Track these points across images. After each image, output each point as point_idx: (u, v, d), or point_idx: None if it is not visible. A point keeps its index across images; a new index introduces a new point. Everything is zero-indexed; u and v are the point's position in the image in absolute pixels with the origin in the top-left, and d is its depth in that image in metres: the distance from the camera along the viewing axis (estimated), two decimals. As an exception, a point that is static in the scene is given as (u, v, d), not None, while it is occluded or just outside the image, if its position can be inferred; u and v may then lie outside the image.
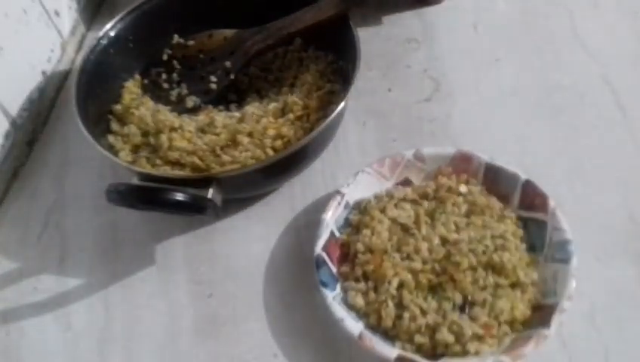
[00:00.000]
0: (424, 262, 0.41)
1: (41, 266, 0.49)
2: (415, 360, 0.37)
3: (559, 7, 0.62)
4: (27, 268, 0.49)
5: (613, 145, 0.50)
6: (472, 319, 0.39)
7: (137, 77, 0.57)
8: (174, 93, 0.56)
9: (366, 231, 0.44)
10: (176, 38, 0.58)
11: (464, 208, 0.44)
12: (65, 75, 0.64)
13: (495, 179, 0.46)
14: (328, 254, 0.43)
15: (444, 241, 0.42)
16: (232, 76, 0.55)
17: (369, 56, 0.57)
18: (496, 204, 0.45)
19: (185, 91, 0.56)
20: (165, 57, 0.58)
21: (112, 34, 0.55)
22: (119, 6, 0.66)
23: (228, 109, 0.54)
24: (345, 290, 0.42)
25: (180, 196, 0.41)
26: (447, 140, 0.52)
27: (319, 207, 0.47)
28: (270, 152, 0.47)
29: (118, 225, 0.51)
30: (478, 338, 0.38)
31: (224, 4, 0.58)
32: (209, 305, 0.45)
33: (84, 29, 0.69)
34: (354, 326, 0.39)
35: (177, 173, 0.47)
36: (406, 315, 0.39)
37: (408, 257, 0.41)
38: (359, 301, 0.41)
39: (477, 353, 0.38)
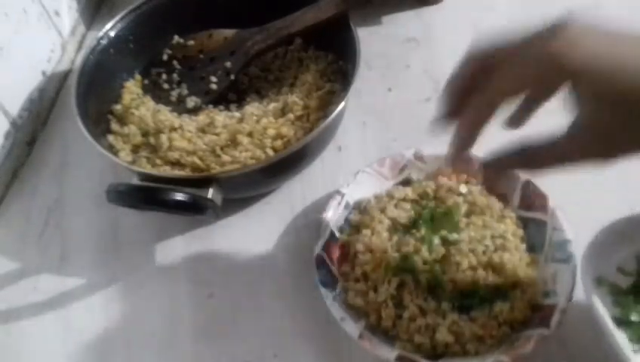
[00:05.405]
0: (424, 262, 0.41)
1: (41, 266, 0.49)
2: (415, 360, 0.37)
3: (559, 7, 0.62)
4: (27, 268, 0.49)
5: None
6: (472, 319, 0.39)
7: (137, 77, 0.57)
8: (174, 94, 0.56)
9: (366, 231, 0.44)
10: (176, 38, 0.58)
11: (464, 208, 0.44)
12: (65, 75, 0.64)
13: (495, 179, 0.46)
14: (328, 254, 0.43)
15: (444, 241, 0.42)
16: (232, 76, 0.55)
17: (369, 56, 0.57)
18: (496, 204, 0.45)
19: (185, 91, 0.56)
20: (165, 57, 0.58)
21: (112, 34, 0.55)
22: (119, 6, 0.66)
23: (228, 109, 0.54)
24: (345, 290, 0.42)
25: (180, 196, 0.41)
26: (447, 140, 0.52)
27: (319, 207, 0.47)
28: (270, 152, 0.47)
29: (118, 225, 0.51)
30: (478, 338, 0.38)
31: (224, 4, 0.58)
32: (209, 305, 0.45)
33: (84, 29, 0.69)
34: (354, 326, 0.39)
35: (177, 173, 0.47)
36: (406, 315, 0.39)
37: (408, 257, 0.41)
38: (359, 301, 0.41)
39: (477, 353, 0.38)
